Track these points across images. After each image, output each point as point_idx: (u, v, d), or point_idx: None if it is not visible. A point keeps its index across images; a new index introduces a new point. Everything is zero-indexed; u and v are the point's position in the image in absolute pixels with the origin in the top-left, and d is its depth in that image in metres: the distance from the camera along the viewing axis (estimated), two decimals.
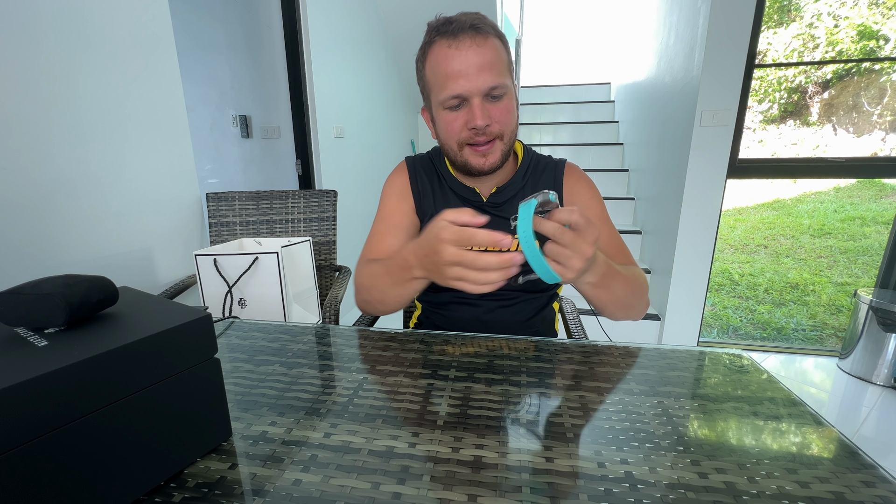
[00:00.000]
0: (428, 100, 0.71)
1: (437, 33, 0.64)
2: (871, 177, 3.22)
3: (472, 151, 0.68)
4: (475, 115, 0.63)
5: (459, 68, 0.62)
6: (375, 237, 0.77)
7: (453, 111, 0.66)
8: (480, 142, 0.66)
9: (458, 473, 0.34)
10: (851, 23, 4.26)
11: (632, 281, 0.64)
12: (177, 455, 0.35)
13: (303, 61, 2.04)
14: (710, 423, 0.41)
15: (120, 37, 1.13)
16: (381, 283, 0.63)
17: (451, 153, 0.71)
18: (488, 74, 0.62)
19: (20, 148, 0.93)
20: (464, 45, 0.62)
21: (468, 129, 0.65)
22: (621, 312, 0.65)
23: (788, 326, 2.89)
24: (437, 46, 0.64)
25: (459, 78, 0.62)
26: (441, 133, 0.70)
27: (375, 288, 0.65)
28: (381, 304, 0.66)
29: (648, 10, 2.71)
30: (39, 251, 0.97)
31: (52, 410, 0.27)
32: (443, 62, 0.63)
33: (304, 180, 2.20)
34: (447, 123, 0.67)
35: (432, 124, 0.73)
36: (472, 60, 0.62)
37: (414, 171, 0.80)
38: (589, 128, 3.61)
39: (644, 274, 0.73)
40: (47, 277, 0.34)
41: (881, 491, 0.32)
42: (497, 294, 0.75)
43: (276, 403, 0.44)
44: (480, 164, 0.68)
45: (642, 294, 0.67)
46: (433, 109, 0.70)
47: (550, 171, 0.78)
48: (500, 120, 0.65)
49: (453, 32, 0.62)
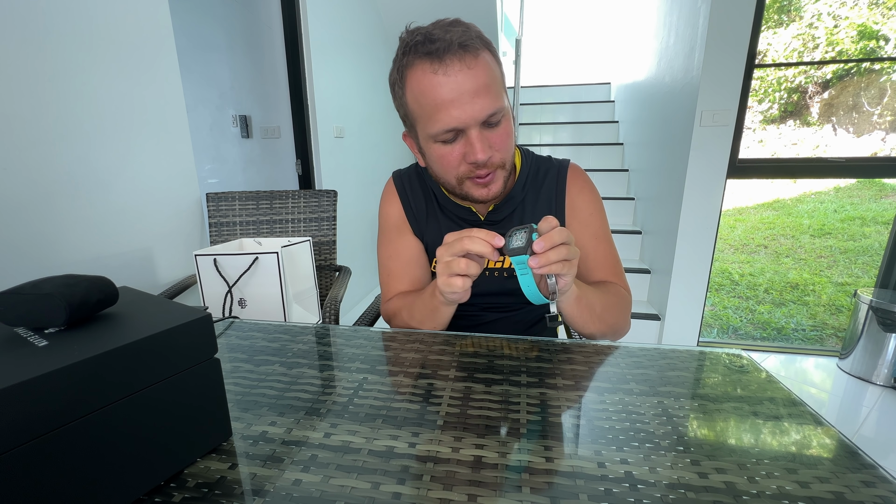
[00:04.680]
0: (413, 129, 0.63)
1: (416, 54, 0.55)
2: (871, 177, 3.22)
3: (473, 183, 0.62)
4: (475, 149, 0.57)
5: (451, 97, 0.54)
6: (392, 278, 0.75)
7: (448, 144, 0.59)
8: (482, 174, 0.60)
9: (458, 473, 0.34)
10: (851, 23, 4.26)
11: (602, 294, 0.63)
12: (177, 455, 0.35)
13: (303, 61, 2.04)
14: (710, 423, 0.41)
15: (120, 37, 1.13)
16: (418, 313, 0.65)
17: (448, 186, 0.65)
18: (485, 100, 0.55)
19: (20, 148, 0.93)
20: (452, 69, 0.53)
21: (467, 163, 0.59)
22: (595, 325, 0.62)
23: (788, 326, 2.89)
24: (418, 71, 0.55)
25: (452, 109, 0.55)
26: (435, 167, 0.63)
27: (414, 320, 0.66)
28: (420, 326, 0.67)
29: (648, 10, 2.71)
30: (39, 251, 0.97)
31: (52, 410, 0.27)
32: (430, 91, 0.55)
33: (304, 180, 2.20)
34: (441, 158, 0.60)
35: (420, 154, 0.66)
36: (466, 87, 0.54)
37: (404, 191, 0.76)
38: (589, 128, 3.61)
39: (629, 294, 0.71)
40: (47, 277, 0.34)
41: (881, 491, 0.32)
42: (496, 305, 0.75)
43: (276, 403, 0.44)
44: (483, 194, 0.63)
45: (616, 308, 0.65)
46: (421, 141, 0.62)
47: (552, 177, 0.73)
48: (500, 147, 0.60)
49: (438, 54, 0.53)
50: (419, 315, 0.65)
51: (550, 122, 3.91)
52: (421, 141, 0.62)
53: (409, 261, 0.75)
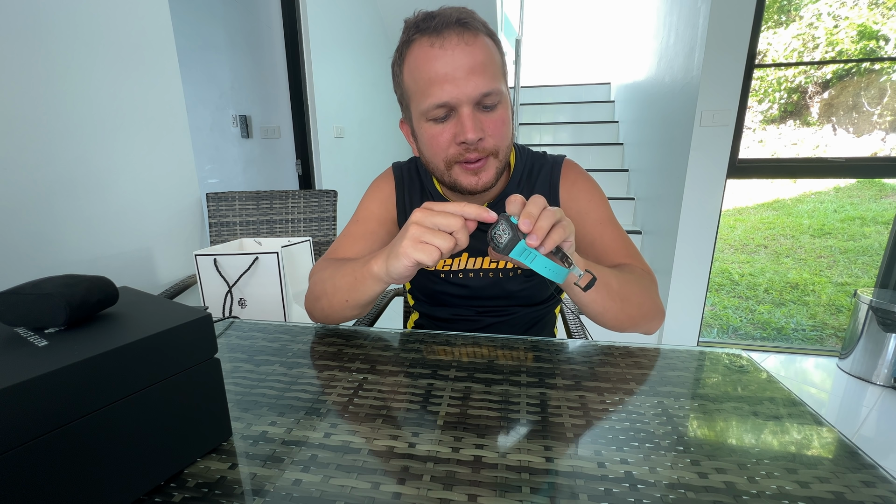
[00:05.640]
0: (407, 110, 0.61)
1: (417, 30, 0.54)
2: (871, 177, 3.22)
3: (462, 170, 0.59)
4: (465, 127, 0.54)
5: (445, 71, 0.53)
6: (347, 238, 0.71)
7: (438, 123, 0.56)
8: (471, 158, 0.57)
9: (458, 473, 0.34)
10: (851, 23, 4.26)
11: (618, 273, 0.57)
12: (177, 455, 0.35)
13: (303, 61, 2.04)
14: (710, 423, 0.41)
15: (120, 37, 1.13)
16: (338, 281, 0.58)
17: (437, 172, 0.62)
18: (480, 78, 0.53)
19: (20, 148, 0.93)
20: (450, 43, 0.52)
21: (457, 143, 0.56)
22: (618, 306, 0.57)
23: (788, 326, 2.90)
24: (416, 46, 0.55)
25: (445, 83, 0.53)
26: (425, 149, 0.61)
27: (330, 283, 0.59)
28: (329, 307, 0.61)
29: (648, 11, 2.71)
30: (39, 251, 0.97)
31: (52, 410, 0.27)
32: (425, 65, 0.54)
33: (304, 180, 2.21)
34: (431, 138, 0.58)
35: (413, 139, 0.64)
36: (461, 62, 0.53)
37: (401, 181, 0.74)
38: (589, 128, 3.61)
39: (651, 273, 0.65)
40: (47, 277, 0.34)
41: (881, 491, 0.32)
42: (494, 309, 0.73)
43: (276, 403, 0.44)
44: (473, 183, 0.59)
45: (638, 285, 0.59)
46: (414, 121, 0.60)
47: (546, 173, 0.71)
48: (494, 133, 0.57)
49: (436, 29, 0.53)
50: (341, 280, 0.58)
51: (550, 122, 3.91)
52: (414, 122, 0.60)
53: (373, 233, 0.72)
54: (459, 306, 0.74)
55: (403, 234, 0.48)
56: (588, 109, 3.88)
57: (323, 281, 0.61)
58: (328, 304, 0.61)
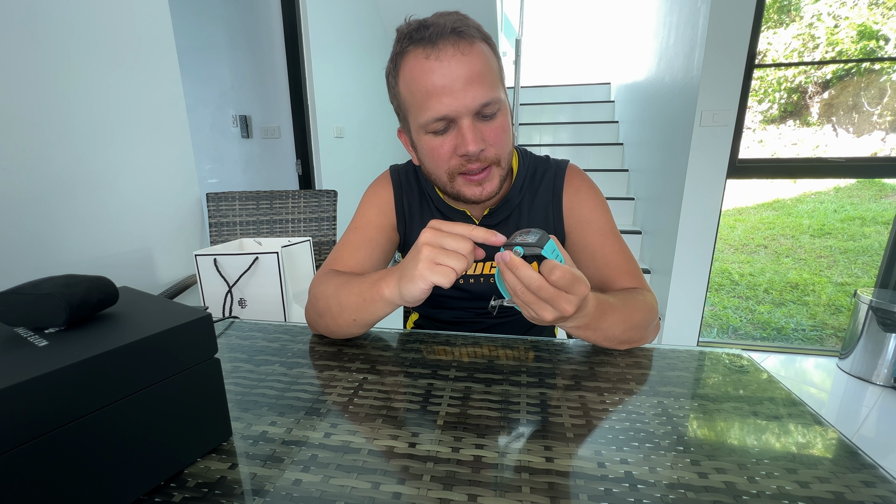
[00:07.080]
0: (405, 121, 0.60)
1: (411, 41, 0.53)
2: (871, 177, 3.22)
3: (465, 181, 0.58)
4: (466, 139, 0.54)
5: (442, 83, 0.52)
6: (346, 247, 0.69)
7: (438, 136, 0.56)
8: (474, 169, 0.57)
9: (458, 473, 0.34)
10: (851, 23, 4.26)
11: (630, 314, 0.55)
12: (177, 455, 0.35)
13: (303, 61, 2.04)
14: (710, 423, 0.41)
15: (120, 37, 1.13)
16: (344, 300, 0.56)
17: (439, 183, 0.61)
18: (478, 89, 0.52)
19: (20, 148, 0.93)
20: (445, 54, 0.52)
21: (458, 155, 0.56)
22: (614, 346, 0.56)
23: (788, 326, 2.90)
24: (411, 58, 0.54)
25: (443, 95, 0.52)
26: (426, 161, 0.60)
27: (335, 301, 0.57)
28: (335, 324, 0.58)
29: (648, 11, 2.71)
30: (39, 251, 0.97)
31: (52, 410, 0.27)
32: (421, 77, 0.53)
33: (304, 180, 2.21)
34: (432, 150, 0.57)
35: (413, 149, 0.63)
36: (458, 73, 0.52)
37: (399, 186, 0.73)
38: (589, 128, 3.61)
39: (653, 299, 0.62)
40: (47, 277, 0.34)
41: (881, 491, 0.32)
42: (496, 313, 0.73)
43: (276, 403, 0.44)
44: (476, 194, 0.59)
45: (644, 325, 0.57)
46: (413, 133, 0.59)
47: (549, 179, 0.70)
48: (495, 142, 0.56)
49: (431, 39, 0.52)
50: (347, 300, 0.56)
51: (550, 122, 3.91)
52: (413, 133, 0.60)
53: (373, 240, 0.70)
54: (460, 309, 0.75)
55: (416, 257, 0.46)
56: (588, 109, 3.87)
57: (327, 297, 0.59)
58: (333, 321, 0.58)
